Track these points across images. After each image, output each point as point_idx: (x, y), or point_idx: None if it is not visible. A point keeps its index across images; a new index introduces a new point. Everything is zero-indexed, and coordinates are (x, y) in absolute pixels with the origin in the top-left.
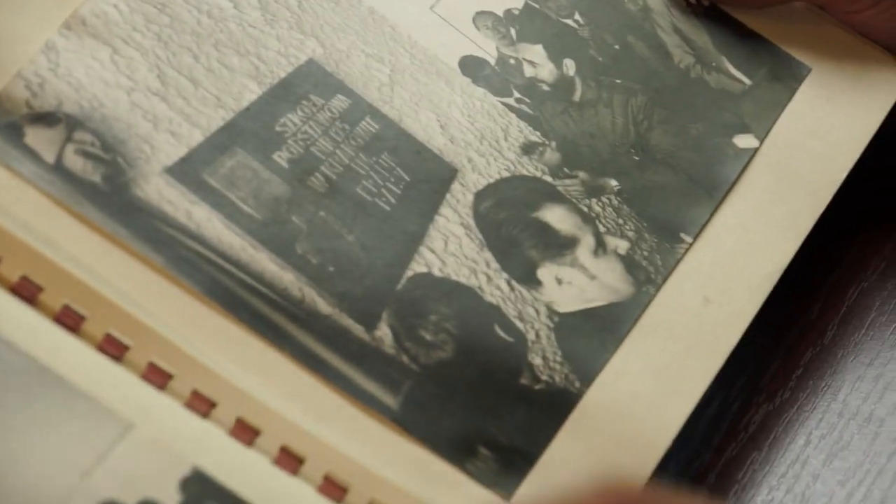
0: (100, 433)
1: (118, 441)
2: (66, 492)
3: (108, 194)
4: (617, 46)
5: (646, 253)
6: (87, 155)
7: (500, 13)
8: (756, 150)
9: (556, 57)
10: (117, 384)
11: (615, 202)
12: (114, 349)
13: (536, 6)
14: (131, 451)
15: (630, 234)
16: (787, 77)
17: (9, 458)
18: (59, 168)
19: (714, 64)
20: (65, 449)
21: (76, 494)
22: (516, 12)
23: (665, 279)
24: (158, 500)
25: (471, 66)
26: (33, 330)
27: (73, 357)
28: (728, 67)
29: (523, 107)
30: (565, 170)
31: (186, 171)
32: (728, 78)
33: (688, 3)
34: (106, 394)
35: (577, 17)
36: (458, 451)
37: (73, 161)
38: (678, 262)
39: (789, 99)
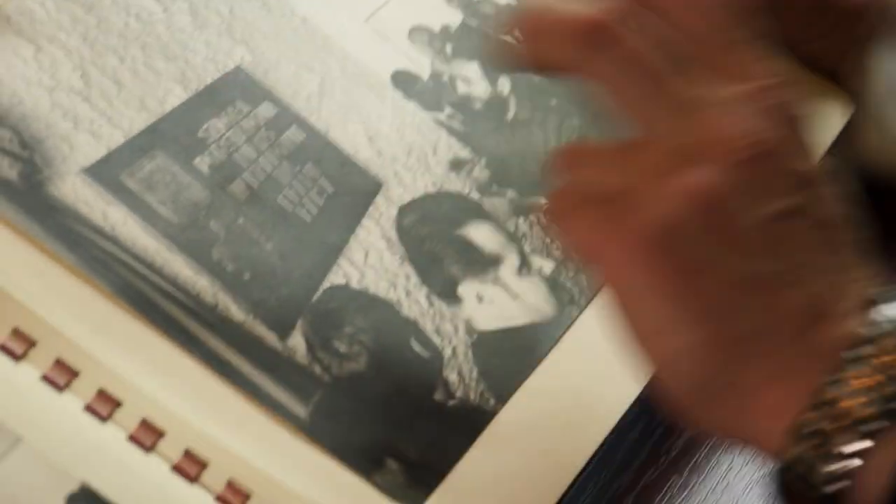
0: None
1: (3, 457)
2: None
3: (23, 192)
4: None
5: (571, 274)
6: (3, 151)
7: (437, 29)
8: None
9: (490, 75)
10: (11, 391)
11: (543, 221)
12: (17, 347)
13: (473, 23)
14: (16, 467)
15: (556, 254)
16: None
17: None
18: None
19: None
20: None
21: None
22: (452, 29)
23: (589, 301)
24: None
25: (403, 81)
26: None
27: None
28: None
29: (454, 123)
30: (494, 187)
31: (104, 172)
32: None
33: None
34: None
35: (517, 34)
36: (366, 462)
37: None
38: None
39: None
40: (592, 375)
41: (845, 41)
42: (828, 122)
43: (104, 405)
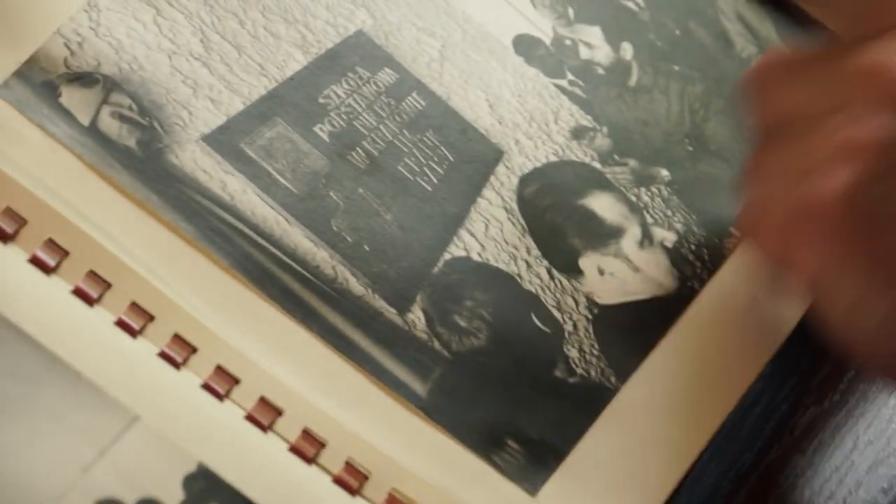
0: (103, 425)
1: (121, 434)
2: (65, 487)
3: (142, 160)
4: (677, 32)
5: (693, 247)
6: (122, 118)
7: None
8: None
9: (613, 40)
10: (129, 368)
11: (665, 193)
12: (135, 322)
13: None
14: (135, 446)
15: (678, 226)
16: None
17: (8, 450)
18: (93, 131)
19: None
20: (66, 442)
21: (74, 490)
22: None
23: (712, 274)
24: (159, 499)
25: (525, 45)
26: (46, 309)
27: (84, 340)
28: None
29: (576, 90)
30: (615, 157)
31: (224, 140)
32: None
33: None
34: (114, 381)
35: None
36: (485, 442)
37: (109, 124)
38: (726, 257)
39: None
40: (714, 351)
41: None
42: None
43: (222, 382)
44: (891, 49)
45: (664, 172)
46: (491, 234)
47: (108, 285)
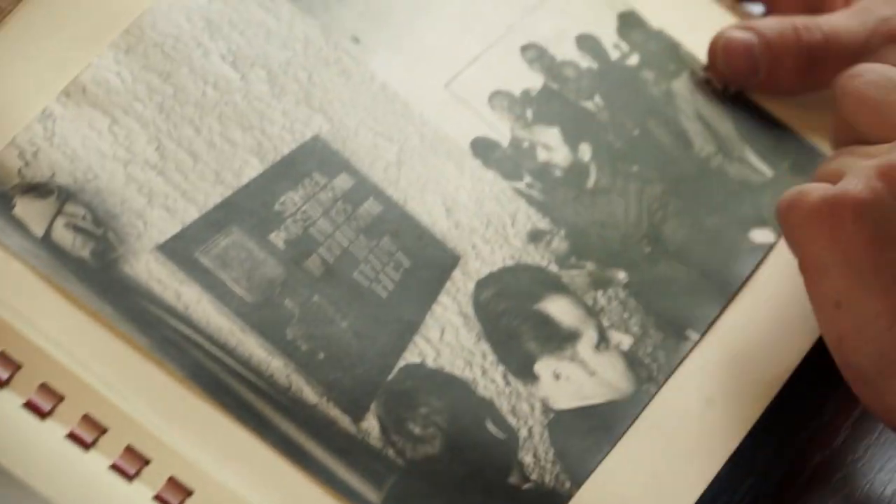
0: None
1: None
2: None
3: (96, 271)
4: (636, 132)
5: (649, 349)
6: (77, 229)
7: (517, 93)
8: (773, 246)
9: (572, 141)
10: (80, 482)
11: (622, 295)
12: (87, 434)
13: (555, 87)
14: None
15: (635, 329)
16: (811, 170)
17: None
18: (46, 242)
19: (737, 154)
20: None
21: None
22: (534, 93)
23: (667, 378)
24: None
25: (482, 148)
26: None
27: (35, 454)
28: (751, 157)
29: (533, 192)
30: (573, 259)
31: (178, 250)
32: (749, 169)
33: (713, 90)
34: (65, 495)
35: (596, 99)
36: None
37: (63, 235)
38: (682, 360)
39: None
40: (670, 454)
41: None
42: None
43: (176, 494)
44: None
45: (621, 275)
46: (446, 339)
47: (60, 398)
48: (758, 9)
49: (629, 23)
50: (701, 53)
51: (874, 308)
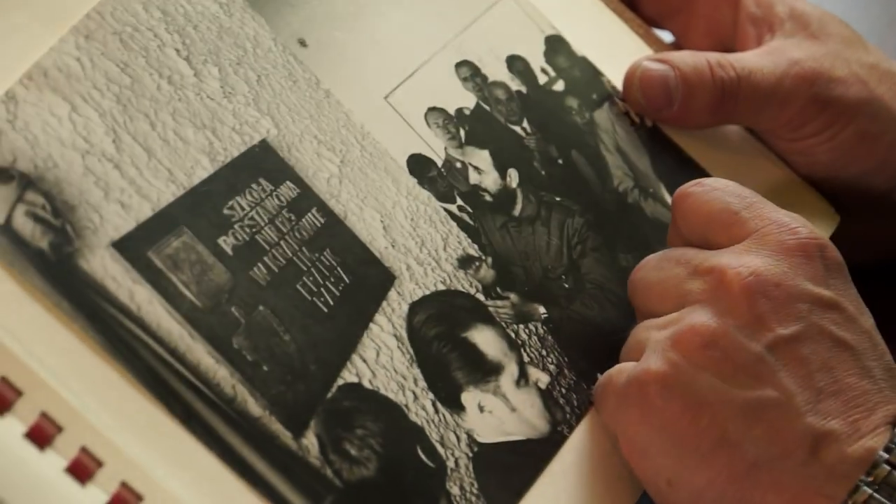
0: None
1: None
2: None
3: (54, 263)
4: (560, 161)
5: (563, 390)
6: (36, 218)
7: (452, 111)
8: None
9: (500, 165)
10: (36, 482)
11: (541, 331)
12: (45, 433)
13: (487, 108)
14: None
15: (551, 367)
16: None
17: None
18: (7, 229)
19: (651, 190)
20: None
21: None
22: (467, 112)
23: (579, 420)
24: None
25: (418, 166)
26: None
27: None
28: (664, 195)
29: (465, 216)
30: (498, 290)
31: (133, 248)
32: (663, 207)
33: (632, 123)
34: (20, 495)
35: (525, 124)
36: None
37: (23, 224)
38: (592, 405)
39: None
40: (583, 498)
41: (837, 141)
42: None
43: (128, 497)
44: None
45: (541, 310)
46: (381, 361)
47: (19, 393)
48: (669, 36)
49: (555, 47)
50: (620, 83)
51: (703, 478)
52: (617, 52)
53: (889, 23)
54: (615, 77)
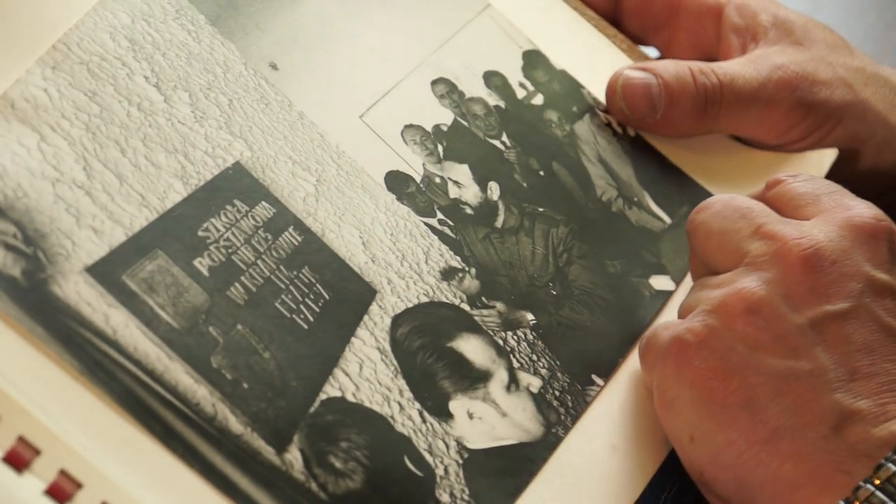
0: None
1: None
2: None
3: (27, 290)
4: (542, 173)
5: (557, 393)
6: (7, 247)
7: (429, 128)
8: (672, 294)
9: (480, 179)
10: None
11: (530, 337)
12: (22, 456)
13: (465, 124)
14: None
15: (543, 371)
16: None
17: None
18: None
19: (636, 199)
20: None
21: None
22: (445, 128)
23: (575, 422)
24: None
25: (396, 182)
26: None
27: None
28: (649, 204)
29: (445, 229)
30: (483, 299)
31: (107, 272)
32: (649, 215)
33: (614, 133)
34: None
35: (504, 138)
36: None
37: None
38: (589, 404)
39: None
40: (578, 500)
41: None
42: None
43: None
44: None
45: (529, 317)
46: (365, 374)
47: None
48: (654, 53)
49: (533, 62)
50: (601, 95)
51: (725, 437)
52: (599, 65)
53: (885, 29)
54: (596, 89)
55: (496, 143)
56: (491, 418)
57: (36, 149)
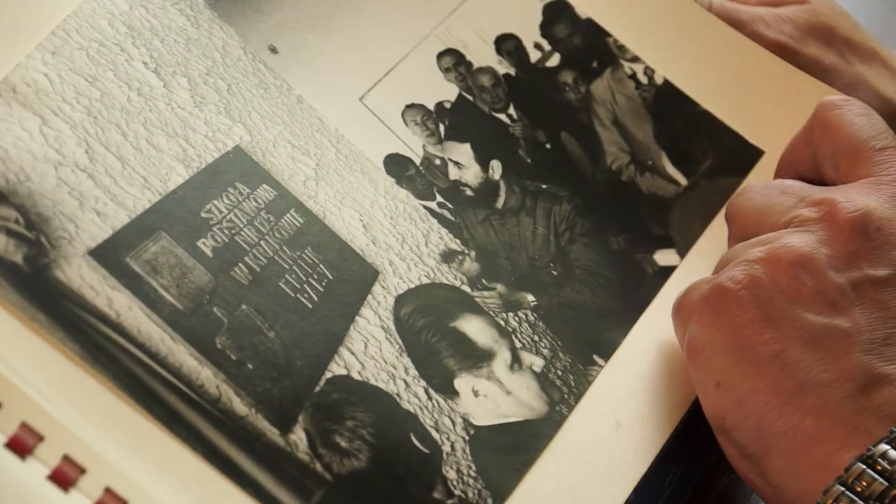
0: None
1: None
2: None
3: (29, 276)
4: (548, 145)
5: (560, 372)
6: (9, 233)
7: (431, 106)
8: (674, 269)
9: (482, 158)
10: (17, 491)
11: (531, 318)
12: (25, 442)
13: (470, 98)
14: None
15: (545, 351)
16: (736, 170)
17: None
18: None
19: (650, 162)
20: None
21: None
22: (448, 105)
23: (578, 400)
24: None
25: (395, 165)
26: None
27: None
28: (665, 165)
29: (445, 212)
30: (483, 281)
31: (110, 255)
32: (662, 179)
33: (637, 86)
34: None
35: (511, 110)
36: None
37: None
38: (591, 383)
39: (725, 199)
40: (584, 476)
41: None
42: None
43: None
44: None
45: (530, 298)
46: (370, 352)
47: None
48: None
49: (555, 15)
50: (630, 42)
51: (751, 385)
52: (630, 8)
53: (888, 13)
54: (624, 35)
55: (502, 116)
56: (496, 396)
57: (38, 132)
